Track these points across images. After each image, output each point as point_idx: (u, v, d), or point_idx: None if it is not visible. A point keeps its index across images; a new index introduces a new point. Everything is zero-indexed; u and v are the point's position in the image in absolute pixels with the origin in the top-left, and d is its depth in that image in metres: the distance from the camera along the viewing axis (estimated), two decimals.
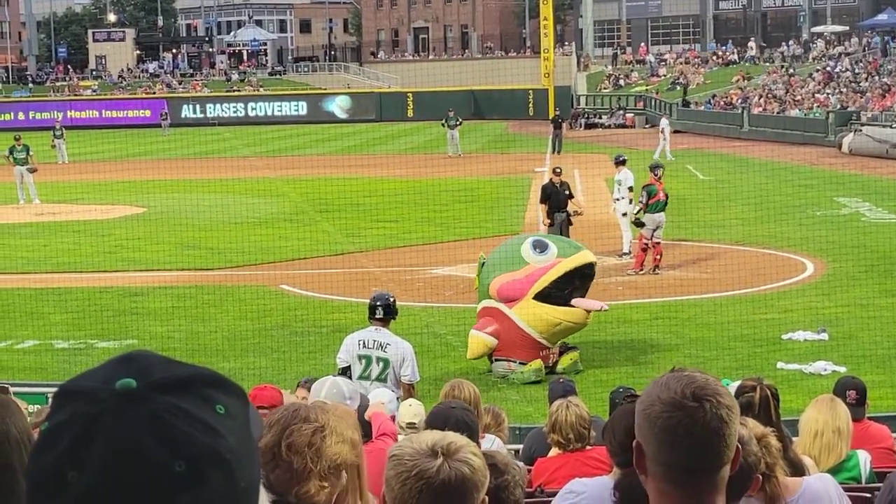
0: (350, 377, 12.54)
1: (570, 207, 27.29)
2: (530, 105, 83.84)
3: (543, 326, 17.78)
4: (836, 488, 5.95)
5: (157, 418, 1.60)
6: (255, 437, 1.72)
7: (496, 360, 17.97)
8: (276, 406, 7.91)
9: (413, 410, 10.05)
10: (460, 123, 59.37)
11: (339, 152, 60.85)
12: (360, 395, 8.08)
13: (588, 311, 18.11)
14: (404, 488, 3.29)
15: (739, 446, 3.11)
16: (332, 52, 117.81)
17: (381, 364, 12.49)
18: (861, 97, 64.19)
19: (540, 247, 18.19)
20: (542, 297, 17.73)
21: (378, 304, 12.80)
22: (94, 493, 1.57)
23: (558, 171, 28.02)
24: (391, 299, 12.92)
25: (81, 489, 1.58)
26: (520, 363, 17.84)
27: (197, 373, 1.68)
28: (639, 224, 26.38)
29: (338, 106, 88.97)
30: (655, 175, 26.91)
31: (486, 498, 3.39)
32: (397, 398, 11.20)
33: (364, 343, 12.63)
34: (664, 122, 57.92)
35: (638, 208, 26.70)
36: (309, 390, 8.67)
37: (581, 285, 18.26)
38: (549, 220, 27.06)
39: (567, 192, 27.64)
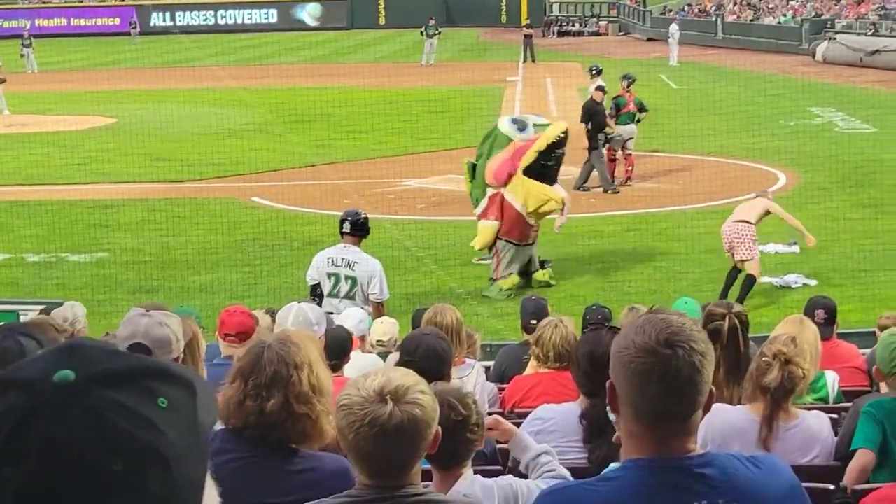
0: (320, 294, 12.54)
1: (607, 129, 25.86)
2: (503, 12, 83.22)
3: (533, 201, 18.01)
4: (830, 432, 6.01)
5: (95, 414, 1.55)
6: (207, 424, 1.67)
7: (498, 239, 18.09)
8: (246, 334, 7.89)
9: (383, 328, 10.06)
10: (440, 32, 58.97)
11: (310, 61, 60.36)
12: (326, 319, 8.07)
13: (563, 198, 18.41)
14: (358, 436, 3.30)
15: (713, 389, 3.11)
16: None
17: (349, 282, 12.46)
18: (836, 4, 63.93)
19: (519, 124, 18.70)
20: (530, 171, 18.05)
21: (347, 219, 12.76)
22: (29, 490, 1.52)
23: (603, 88, 26.19)
24: (361, 216, 12.86)
25: (16, 486, 1.52)
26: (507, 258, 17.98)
27: (140, 364, 1.63)
28: (607, 138, 26.06)
29: (308, 14, 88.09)
30: (624, 86, 26.78)
31: (439, 429, 3.41)
32: (368, 315, 11.18)
33: (333, 261, 12.59)
34: (674, 27, 57.72)
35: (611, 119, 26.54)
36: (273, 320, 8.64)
37: (557, 160, 18.64)
38: (591, 144, 25.57)
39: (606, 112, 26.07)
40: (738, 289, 16.65)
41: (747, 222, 16.85)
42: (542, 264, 18.65)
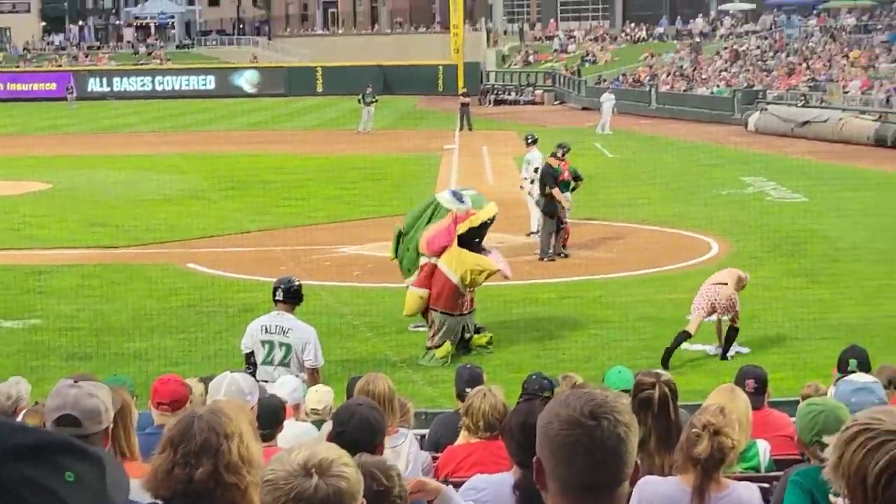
0: (254, 362, 12.51)
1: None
2: (440, 81, 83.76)
3: (465, 272, 18.11)
4: (761, 501, 6.06)
5: (3, 488, 1.58)
6: (118, 500, 1.69)
7: (431, 309, 18.15)
8: (179, 402, 7.87)
9: (318, 397, 10.04)
10: (377, 101, 59.20)
11: (248, 128, 60.44)
12: (259, 388, 8.06)
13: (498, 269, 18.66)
14: None
15: (638, 462, 3.14)
16: (241, 26, 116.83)
17: (283, 349, 12.45)
18: (767, 76, 64.90)
19: (458, 197, 18.99)
20: (462, 242, 18.29)
21: (280, 286, 12.77)
22: None
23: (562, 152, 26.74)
24: (294, 283, 12.87)
25: None
26: (442, 319, 18.08)
27: (50, 440, 1.66)
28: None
29: (246, 80, 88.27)
30: (558, 155, 26.95)
31: (364, 501, 3.42)
32: (303, 382, 11.17)
33: (266, 328, 12.59)
34: (605, 96, 58.39)
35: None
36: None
37: (482, 236, 18.98)
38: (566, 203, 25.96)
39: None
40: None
41: (724, 284, 17.88)
42: (478, 330, 18.71)
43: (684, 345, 18.19)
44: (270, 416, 7.74)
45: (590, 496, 3.07)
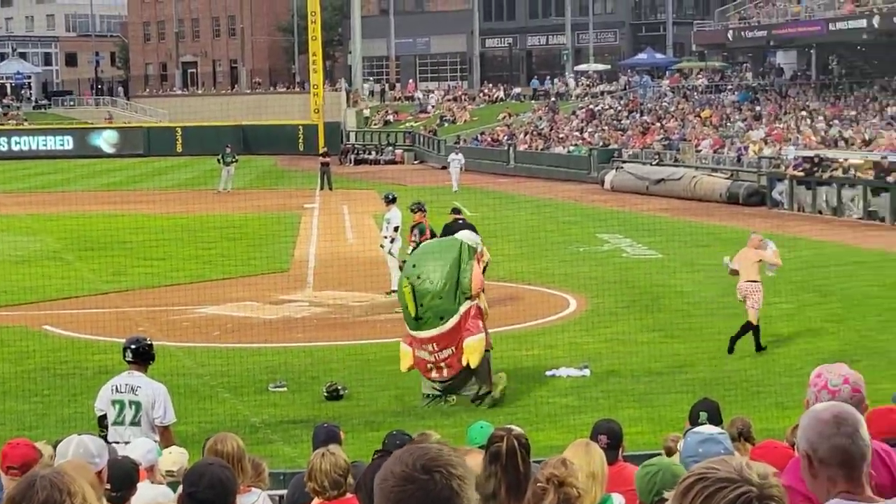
0: (107, 424, 12.31)
1: None
2: (300, 140, 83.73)
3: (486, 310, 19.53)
4: None
5: None
6: None
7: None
8: (29, 465, 7.71)
9: (172, 458, 9.90)
10: (236, 160, 58.97)
11: (106, 188, 59.70)
12: (110, 450, 7.93)
13: None
14: None
15: None
16: (100, 86, 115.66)
17: (133, 407, 12.30)
18: (622, 135, 66.03)
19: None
20: None
21: (130, 346, 12.62)
22: None
23: (459, 210, 27.61)
24: (144, 342, 12.72)
25: None
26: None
27: None
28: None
29: (105, 140, 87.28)
30: (422, 213, 27.11)
31: None
32: (157, 444, 11.02)
33: (117, 388, 12.45)
34: (452, 155, 59.00)
35: (411, 248, 26.78)
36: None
37: None
38: None
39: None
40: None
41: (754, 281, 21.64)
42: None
43: (551, 370, 19.76)
44: (123, 478, 7.61)
45: None
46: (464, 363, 18.71)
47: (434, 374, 18.92)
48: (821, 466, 4.24)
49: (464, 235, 19.90)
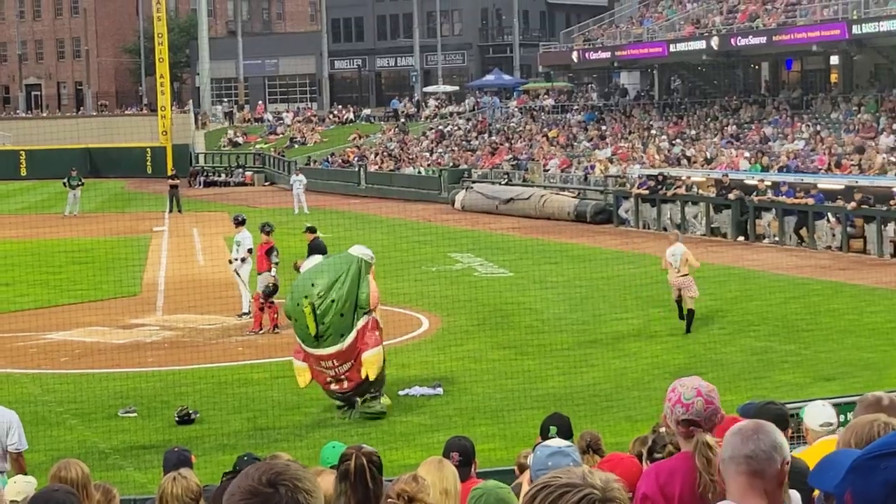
0: None
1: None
2: (148, 163, 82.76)
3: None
4: None
5: None
6: None
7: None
8: None
9: (17, 488, 9.69)
10: (82, 183, 58.13)
11: None
12: None
13: None
14: None
15: None
16: None
17: None
18: (472, 155, 66.49)
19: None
20: None
21: None
22: None
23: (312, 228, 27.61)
24: None
25: None
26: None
27: None
28: (270, 293, 26.40)
29: None
30: (271, 234, 27.03)
31: None
32: (4, 473, 10.79)
33: None
34: (294, 177, 58.93)
35: (273, 270, 26.62)
36: None
37: None
38: None
39: None
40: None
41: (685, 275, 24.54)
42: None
43: (404, 389, 20.24)
44: None
45: None
46: (363, 375, 18.85)
47: (334, 387, 19.12)
48: (726, 475, 4.53)
49: (357, 251, 19.93)
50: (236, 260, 28.30)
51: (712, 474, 5.90)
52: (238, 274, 28.20)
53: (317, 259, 20.49)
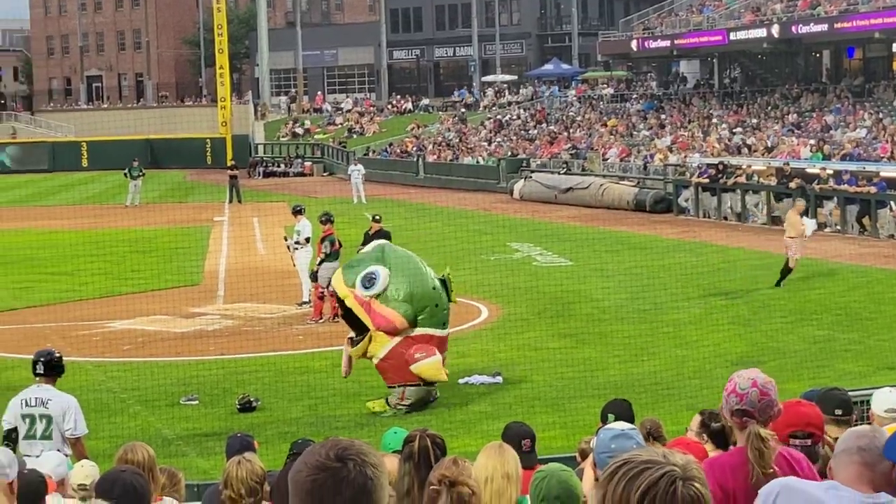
0: (16, 438, 12.18)
1: None
2: (208, 154, 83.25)
3: None
4: None
5: None
6: None
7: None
8: None
9: (85, 472, 9.80)
10: (143, 174, 58.58)
11: (10, 204, 58.96)
12: (20, 463, 7.83)
13: None
14: None
15: None
16: (2, 101, 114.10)
17: (44, 421, 12.20)
18: (530, 144, 66.39)
19: None
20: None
21: (40, 359, 12.51)
22: None
23: (377, 218, 28.11)
24: (54, 355, 12.64)
25: None
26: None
27: None
28: (314, 277, 26.59)
29: (7, 156, 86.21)
30: (331, 224, 27.13)
31: None
32: (68, 458, 10.90)
33: (27, 402, 12.33)
34: (352, 167, 59.06)
35: (319, 259, 26.80)
36: None
37: None
38: None
39: None
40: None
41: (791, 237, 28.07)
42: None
43: (464, 378, 20.08)
44: (30, 493, 7.52)
45: None
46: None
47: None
48: (838, 468, 4.93)
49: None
50: (295, 249, 28.35)
51: (764, 467, 5.84)
52: (297, 261, 28.31)
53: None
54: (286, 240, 28.84)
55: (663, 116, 63.87)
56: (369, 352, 18.97)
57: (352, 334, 19.39)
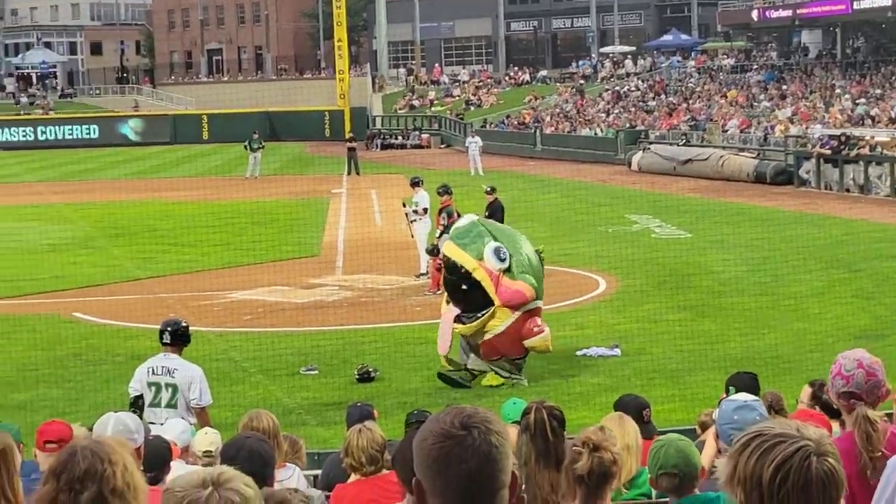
0: (143, 405, 12.39)
1: None
2: (326, 126, 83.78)
3: None
4: None
5: None
6: None
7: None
8: (66, 441, 7.78)
9: (209, 438, 9.95)
10: (263, 146, 59.10)
11: (134, 176, 59.92)
12: (145, 428, 7.98)
13: None
14: None
15: (516, 472, 3.20)
16: (125, 74, 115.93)
17: (170, 390, 12.37)
18: (649, 116, 65.86)
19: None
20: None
21: (167, 329, 12.69)
22: None
23: (489, 189, 28.36)
24: (181, 325, 12.81)
25: None
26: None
27: None
28: (432, 252, 26.52)
29: (131, 129, 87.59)
30: (449, 196, 27.18)
31: None
32: (192, 426, 11.07)
33: (153, 370, 12.52)
34: (470, 139, 59.02)
35: (439, 232, 26.85)
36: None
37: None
38: None
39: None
40: None
41: None
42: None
43: (582, 350, 19.81)
44: (156, 458, 7.66)
45: None
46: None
47: None
48: None
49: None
50: (410, 215, 28.43)
51: (871, 451, 5.70)
52: (415, 232, 28.41)
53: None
54: (405, 206, 28.97)
55: (784, 87, 62.94)
56: (487, 327, 18.55)
57: (454, 309, 18.67)
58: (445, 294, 19.36)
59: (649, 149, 57.20)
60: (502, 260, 18.44)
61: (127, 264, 31.37)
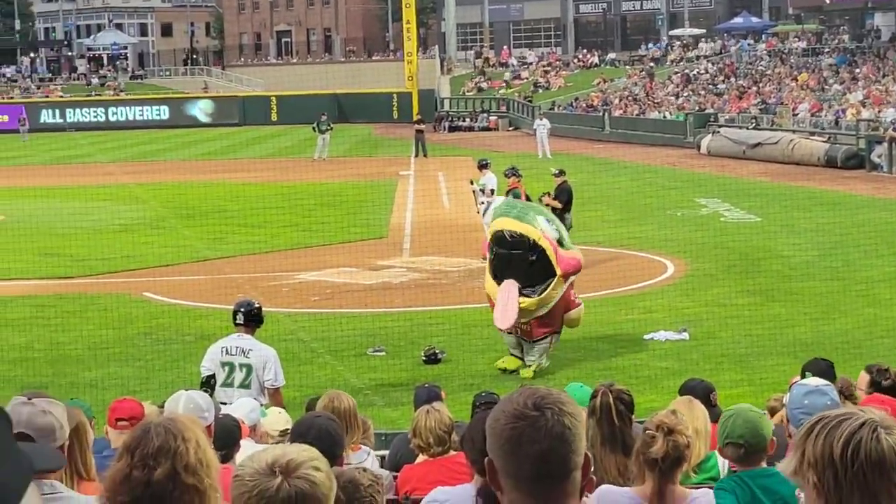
0: (214, 385, 12.46)
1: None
2: (395, 108, 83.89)
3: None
4: None
5: None
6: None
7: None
8: (137, 419, 7.86)
9: (284, 417, 10.02)
10: (332, 128, 59.17)
11: (203, 157, 60.31)
12: (215, 407, 8.04)
13: None
14: None
15: (589, 454, 3.19)
16: (195, 56, 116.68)
17: (244, 370, 12.42)
18: (718, 99, 65.37)
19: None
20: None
21: (240, 310, 12.75)
22: None
23: (557, 172, 28.23)
24: (254, 306, 12.86)
25: None
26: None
27: None
28: None
29: (200, 110, 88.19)
30: (517, 178, 27.12)
31: None
32: (262, 406, 11.13)
33: (227, 350, 12.56)
34: (538, 122, 58.80)
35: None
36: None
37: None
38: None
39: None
40: None
41: None
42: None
43: (650, 333, 19.62)
44: (226, 437, 7.71)
45: (542, 486, 3.10)
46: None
47: None
48: None
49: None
50: (480, 204, 28.44)
51: None
52: (484, 216, 28.39)
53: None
54: (472, 183, 28.96)
55: (856, 70, 62.23)
56: (548, 298, 18.29)
57: (514, 283, 18.21)
58: (489, 275, 18.88)
59: (718, 132, 56.80)
60: (556, 230, 18.46)
61: (197, 244, 31.60)
